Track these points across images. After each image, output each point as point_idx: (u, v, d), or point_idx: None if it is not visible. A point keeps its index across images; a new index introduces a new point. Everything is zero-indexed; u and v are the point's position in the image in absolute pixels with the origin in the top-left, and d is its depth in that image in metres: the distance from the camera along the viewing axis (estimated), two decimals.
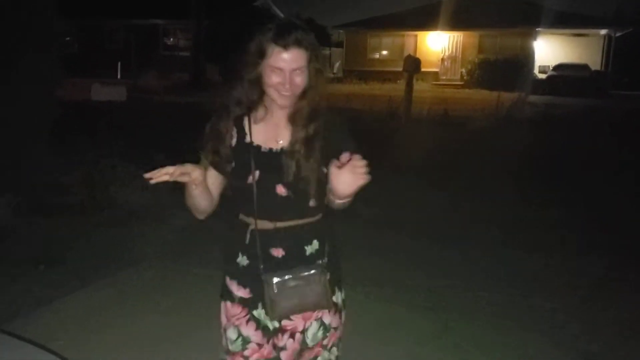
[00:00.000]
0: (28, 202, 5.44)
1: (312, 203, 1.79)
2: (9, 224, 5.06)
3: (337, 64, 32.77)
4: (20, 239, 4.80)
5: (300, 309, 1.80)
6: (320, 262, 1.82)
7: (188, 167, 1.68)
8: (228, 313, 1.87)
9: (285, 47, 1.68)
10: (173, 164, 1.67)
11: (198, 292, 3.83)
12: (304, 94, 1.76)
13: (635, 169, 8.35)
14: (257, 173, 1.75)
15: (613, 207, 6.42)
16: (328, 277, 1.80)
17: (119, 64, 24.29)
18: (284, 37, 1.69)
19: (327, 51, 35.20)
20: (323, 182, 1.77)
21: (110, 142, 7.63)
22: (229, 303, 1.86)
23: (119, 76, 23.82)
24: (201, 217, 1.86)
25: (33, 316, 3.53)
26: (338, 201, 1.71)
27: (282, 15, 29.56)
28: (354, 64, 29.83)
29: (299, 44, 1.69)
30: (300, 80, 1.72)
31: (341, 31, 32.76)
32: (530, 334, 3.47)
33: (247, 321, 1.84)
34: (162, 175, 1.63)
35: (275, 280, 1.74)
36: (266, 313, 1.81)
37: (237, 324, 1.84)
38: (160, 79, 21.64)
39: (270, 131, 1.80)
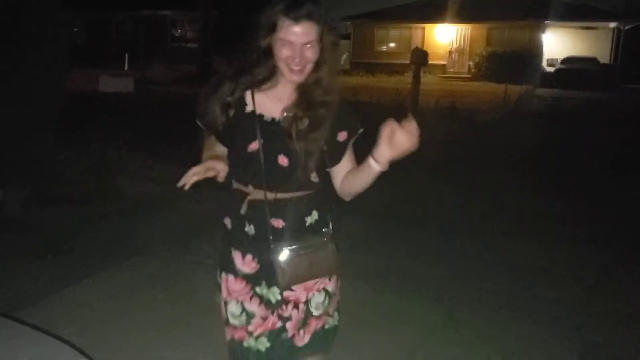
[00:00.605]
0: (36, 192, 5.47)
1: (313, 177, 1.80)
2: (18, 215, 5.11)
3: (344, 56, 32.66)
4: (29, 229, 4.84)
5: (310, 276, 1.80)
6: (325, 229, 1.83)
7: (211, 163, 1.71)
8: (230, 287, 1.85)
9: (296, 20, 1.67)
10: (191, 160, 1.71)
11: (204, 282, 3.85)
12: (315, 69, 1.75)
13: None
14: (261, 141, 1.75)
15: (619, 200, 6.41)
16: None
17: (127, 55, 24.31)
18: (295, 9, 1.67)
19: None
20: (326, 156, 1.79)
21: (117, 133, 7.67)
22: (231, 276, 1.85)
23: (126, 67, 23.85)
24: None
25: (41, 305, 3.57)
26: (376, 167, 1.67)
27: None
28: (361, 56, 29.72)
29: (310, 17, 1.67)
30: (311, 54, 1.71)
31: (348, 23, 32.60)
32: (534, 325, 3.48)
33: (251, 297, 1.83)
34: (191, 177, 1.66)
35: (286, 249, 1.75)
36: (268, 286, 1.81)
37: (240, 299, 1.84)
38: (167, 70, 21.66)
39: (275, 103, 1.79)
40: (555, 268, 4.42)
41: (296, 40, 1.68)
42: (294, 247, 1.76)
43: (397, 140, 1.59)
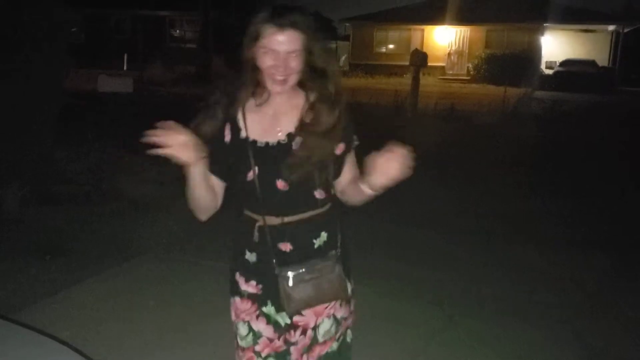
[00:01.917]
0: (34, 192, 5.45)
1: (317, 194, 1.75)
2: (16, 214, 5.08)
3: (343, 58, 32.70)
4: (27, 229, 4.82)
5: (317, 302, 1.75)
6: (334, 252, 1.78)
7: (187, 139, 1.56)
8: (237, 309, 1.83)
9: (281, 27, 1.62)
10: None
11: (203, 283, 3.84)
12: (302, 82, 1.71)
13: None
14: (256, 169, 1.70)
15: (620, 203, 6.40)
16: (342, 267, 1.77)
17: (126, 55, 24.28)
18: (279, 17, 1.63)
19: (333, 45, 35.14)
20: (327, 172, 1.74)
21: (116, 133, 7.64)
22: (237, 298, 1.83)
23: (125, 67, 23.83)
24: (203, 217, 1.78)
25: (39, 306, 3.55)
26: (370, 192, 1.66)
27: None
28: (361, 58, 29.75)
29: (295, 25, 1.63)
30: (295, 64, 1.65)
31: (348, 24, 32.66)
32: (534, 328, 3.47)
33: (257, 317, 1.80)
34: (168, 136, 1.53)
35: (291, 274, 1.71)
36: (277, 310, 1.77)
37: (247, 320, 1.81)
38: (166, 70, 21.63)
39: (267, 122, 1.73)
40: (556, 271, 4.41)
41: (280, 48, 1.63)
42: (299, 271, 1.71)
43: (389, 169, 1.56)
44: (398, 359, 3.13)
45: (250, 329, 1.81)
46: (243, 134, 1.72)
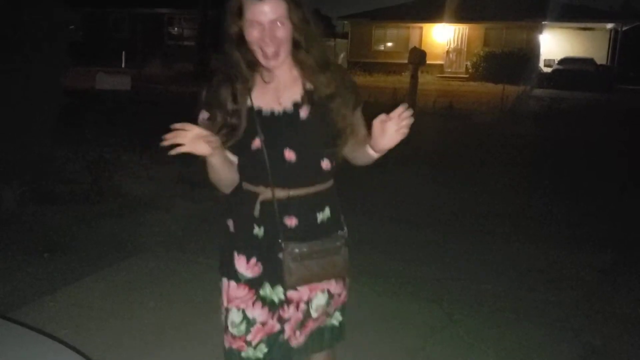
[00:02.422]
0: (33, 190, 5.44)
1: (324, 165, 1.73)
2: (14, 213, 5.08)
3: (341, 55, 32.67)
4: (25, 228, 4.81)
5: (317, 279, 1.74)
6: (341, 232, 1.78)
7: (204, 132, 1.58)
8: (231, 294, 1.78)
9: None
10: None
11: (202, 282, 3.84)
12: (295, 49, 1.68)
13: None
14: (263, 138, 1.68)
15: (619, 202, 6.40)
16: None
17: (124, 53, 24.25)
18: None
19: (331, 42, 35.09)
20: (333, 141, 1.72)
21: (114, 131, 7.64)
22: (232, 283, 1.78)
23: (123, 65, 23.79)
24: (228, 190, 1.77)
25: (38, 304, 3.54)
26: (375, 155, 1.69)
27: None
28: (359, 56, 29.73)
29: None
30: (282, 33, 1.63)
31: (346, 22, 32.63)
32: (533, 327, 3.47)
33: (254, 303, 1.77)
34: (178, 135, 1.54)
35: (297, 249, 1.69)
36: (272, 287, 1.75)
37: (242, 307, 1.77)
38: (164, 68, 21.61)
39: (271, 93, 1.72)
40: (555, 269, 4.41)
41: (264, 19, 1.61)
42: (305, 248, 1.69)
43: (387, 131, 1.60)
44: (397, 358, 3.12)
45: (245, 316, 1.77)
46: (248, 102, 1.71)
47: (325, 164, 1.74)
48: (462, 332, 3.38)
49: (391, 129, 1.60)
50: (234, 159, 1.75)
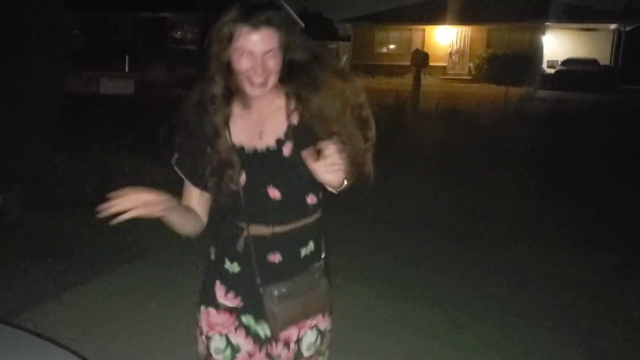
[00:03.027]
0: (36, 195, 5.45)
1: (309, 200, 1.65)
2: (17, 219, 5.08)
3: (344, 58, 32.69)
4: (29, 233, 4.82)
5: (303, 317, 1.67)
6: (318, 264, 1.69)
7: (150, 198, 1.49)
8: (211, 321, 1.70)
9: (255, 26, 1.51)
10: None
11: None
12: (290, 76, 1.59)
13: None
14: (243, 177, 1.59)
15: (624, 203, 6.37)
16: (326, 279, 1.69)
17: (127, 57, 24.31)
18: (252, 15, 1.51)
19: (334, 45, 35.13)
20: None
21: (118, 136, 7.64)
22: (212, 310, 1.70)
23: (126, 69, 23.85)
24: (193, 236, 1.70)
25: (42, 309, 3.53)
26: (335, 191, 1.58)
27: (288, 8, 29.49)
28: (361, 58, 29.74)
29: (269, 23, 1.52)
30: (273, 64, 1.54)
31: (348, 25, 32.66)
32: (539, 330, 3.45)
33: (236, 329, 1.68)
34: (118, 204, 1.45)
35: (276, 292, 1.61)
36: (256, 320, 1.68)
37: (224, 332, 1.68)
38: (167, 72, 21.63)
39: (252, 127, 1.62)
40: (560, 273, 4.39)
41: (256, 49, 1.52)
42: (284, 289, 1.61)
43: (323, 171, 1.46)
44: None
45: (229, 342, 1.69)
46: (227, 140, 1.60)
47: (311, 198, 1.65)
48: (467, 336, 3.36)
49: (321, 170, 1.46)
50: (203, 197, 1.67)
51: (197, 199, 1.69)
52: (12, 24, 5.39)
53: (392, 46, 30.57)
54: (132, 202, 1.47)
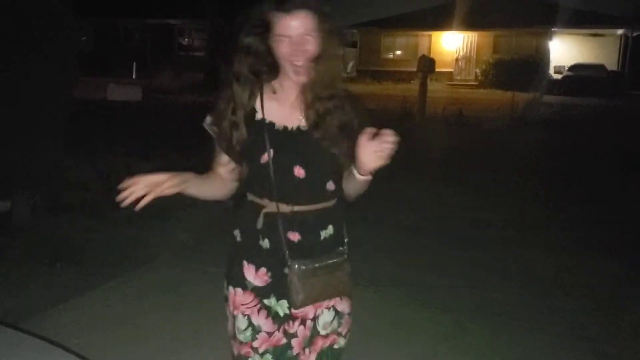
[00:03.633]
0: (45, 200, 5.49)
1: (329, 186, 1.73)
2: (26, 223, 5.11)
3: (350, 64, 32.69)
4: (38, 237, 4.84)
5: (324, 297, 1.73)
6: (342, 248, 1.77)
7: (157, 177, 1.58)
8: (237, 300, 1.78)
9: (290, 11, 1.59)
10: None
11: (212, 291, 3.82)
12: (316, 63, 1.65)
13: None
14: (271, 152, 1.66)
15: (630, 208, 6.34)
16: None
17: (135, 63, 24.46)
18: (287, 1, 1.59)
19: (340, 51, 35.08)
20: (340, 162, 1.71)
21: (126, 141, 7.69)
22: (239, 290, 1.77)
23: (134, 76, 23.99)
24: (225, 197, 1.80)
25: (50, 314, 3.56)
26: (360, 177, 1.64)
27: None
28: (368, 64, 29.76)
29: (304, 5, 1.60)
30: (311, 46, 1.62)
31: (355, 31, 32.67)
32: (546, 335, 3.44)
33: (259, 310, 1.76)
34: (131, 193, 1.55)
35: (302, 267, 1.67)
36: (277, 300, 1.74)
37: (247, 313, 1.76)
38: (175, 78, 21.74)
39: (285, 109, 1.71)
40: (567, 277, 4.38)
41: (294, 33, 1.60)
42: (310, 266, 1.68)
43: (368, 148, 1.55)
44: None
45: (250, 323, 1.76)
46: (259, 115, 1.70)
47: (330, 184, 1.74)
48: (474, 341, 3.36)
49: (370, 149, 1.55)
50: (225, 169, 1.76)
51: (225, 165, 1.76)
52: (21, 30, 5.44)
53: (398, 52, 30.59)
54: (143, 187, 1.56)
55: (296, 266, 1.68)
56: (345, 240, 1.80)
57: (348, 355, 2.00)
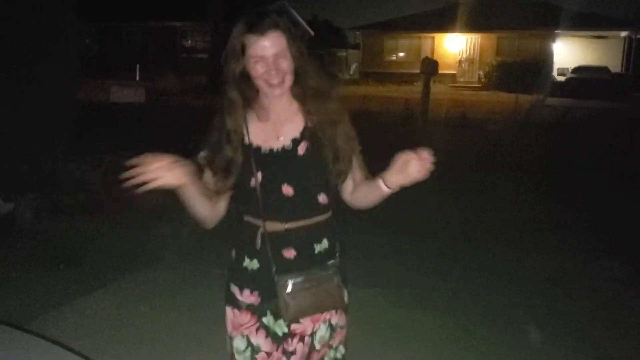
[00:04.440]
0: (48, 202, 5.50)
1: (321, 199, 1.75)
2: (30, 225, 5.13)
3: (353, 66, 32.76)
4: (41, 239, 4.86)
5: (315, 310, 1.75)
6: (332, 261, 1.77)
7: (169, 160, 1.57)
8: (235, 321, 1.81)
9: (262, 33, 1.64)
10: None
11: (215, 292, 3.83)
12: (295, 81, 1.71)
13: None
14: (259, 175, 1.70)
15: (633, 210, 6.33)
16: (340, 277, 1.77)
17: (138, 66, 24.50)
18: (258, 24, 1.64)
19: (343, 53, 35.20)
20: (334, 172, 1.73)
21: (129, 144, 7.69)
22: (235, 310, 1.80)
23: (137, 78, 24.02)
24: (207, 226, 1.79)
25: (54, 315, 3.56)
26: (383, 187, 1.66)
27: (299, 17, 29.61)
28: (371, 66, 29.79)
29: (275, 26, 1.65)
30: (285, 64, 1.67)
31: (358, 33, 32.75)
32: (550, 338, 3.43)
33: (257, 329, 1.78)
34: (140, 174, 1.53)
35: (290, 282, 1.69)
36: (275, 319, 1.76)
37: (245, 333, 1.78)
38: (178, 81, 21.77)
39: (269, 129, 1.74)
40: (571, 280, 4.36)
41: (267, 53, 1.65)
42: (298, 279, 1.70)
43: (410, 168, 1.58)
44: None
45: (249, 343, 1.78)
46: (246, 140, 1.72)
47: (322, 197, 1.75)
48: (478, 343, 3.35)
49: (414, 167, 1.58)
50: (221, 191, 1.76)
51: (215, 190, 1.76)
52: (25, 34, 5.46)
53: (401, 54, 30.60)
54: (155, 167, 1.55)
55: (282, 281, 1.69)
56: (337, 253, 1.80)
57: (351, 357, 2.00)
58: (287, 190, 1.70)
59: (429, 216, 5.96)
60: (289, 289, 1.69)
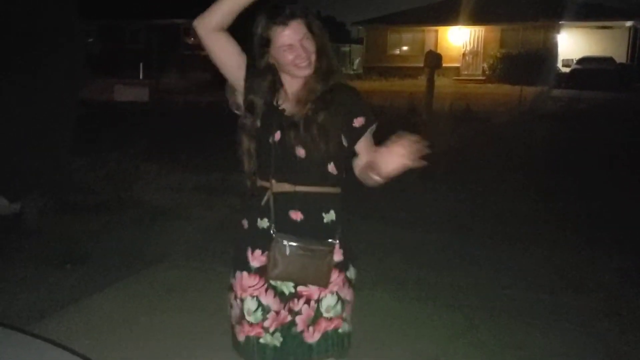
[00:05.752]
0: (53, 201, 5.51)
1: (330, 168, 1.85)
2: (35, 224, 5.14)
3: (357, 61, 32.68)
4: (47, 238, 4.87)
5: (297, 279, 1.84)
6: (331, 241, 1.86)
7: None
8: (244, 283, 1.89)
9: (285, 23, 1.79)
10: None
11: (221, 291, 3.84)
12: (318, 57, 1.85)
13: None
14: (277, 134, 1.83)
15: (639, 203, 6.30)
16: (334, 258, 1.85)
17: (141, 64, 24.49)
18: (279, 16, 1.80)
19: (347, 48, 35.12)
20: (340, 147, 1.85)
21: (133, 142, 7.72)
22: (245, 273, 1.89)
23: (141, 76, 24.03)
24: (202, 22, 2.01)
25: (59, 315, 3.57)
26: (376, 178, 1.75)
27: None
28: (374, 60, 29.72)
29: (294, 15, 1.80)
30: (309, 45, 1.82)
31: (361, 27, 32.65)
32: (556, 331, 3.42)
33: (266, 290, 1.88)
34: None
35: (286, 242, 1.80)
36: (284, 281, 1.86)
37: (255, 294, 1.88)
38: (181, 78, 21.77)
39: (295, 100, 1.88)
40: (577, 273, 4.35)
41: (292, 40, 1.80)
42: (294, 244, 1.80)
43: (393, 151, 1.67)
44: None
45: (260, 303, 1.88)
46: (274, 102, 1.88)
47: (332, 167, 1.86)
48: (483, 338, 3.34)
49: (396, 152, 1.67)
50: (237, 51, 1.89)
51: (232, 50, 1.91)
52: (29, 32, 5.46)
53: (405, 48, 30.50)
54: None
55: (280, 240, 1.81)
56: (339, 231, 1.89)
57: (355, 353, 2.01)
58: (300, 152, 1.83)
59: (432, 210, 5.95)
60: (283, 249, 1.80)
